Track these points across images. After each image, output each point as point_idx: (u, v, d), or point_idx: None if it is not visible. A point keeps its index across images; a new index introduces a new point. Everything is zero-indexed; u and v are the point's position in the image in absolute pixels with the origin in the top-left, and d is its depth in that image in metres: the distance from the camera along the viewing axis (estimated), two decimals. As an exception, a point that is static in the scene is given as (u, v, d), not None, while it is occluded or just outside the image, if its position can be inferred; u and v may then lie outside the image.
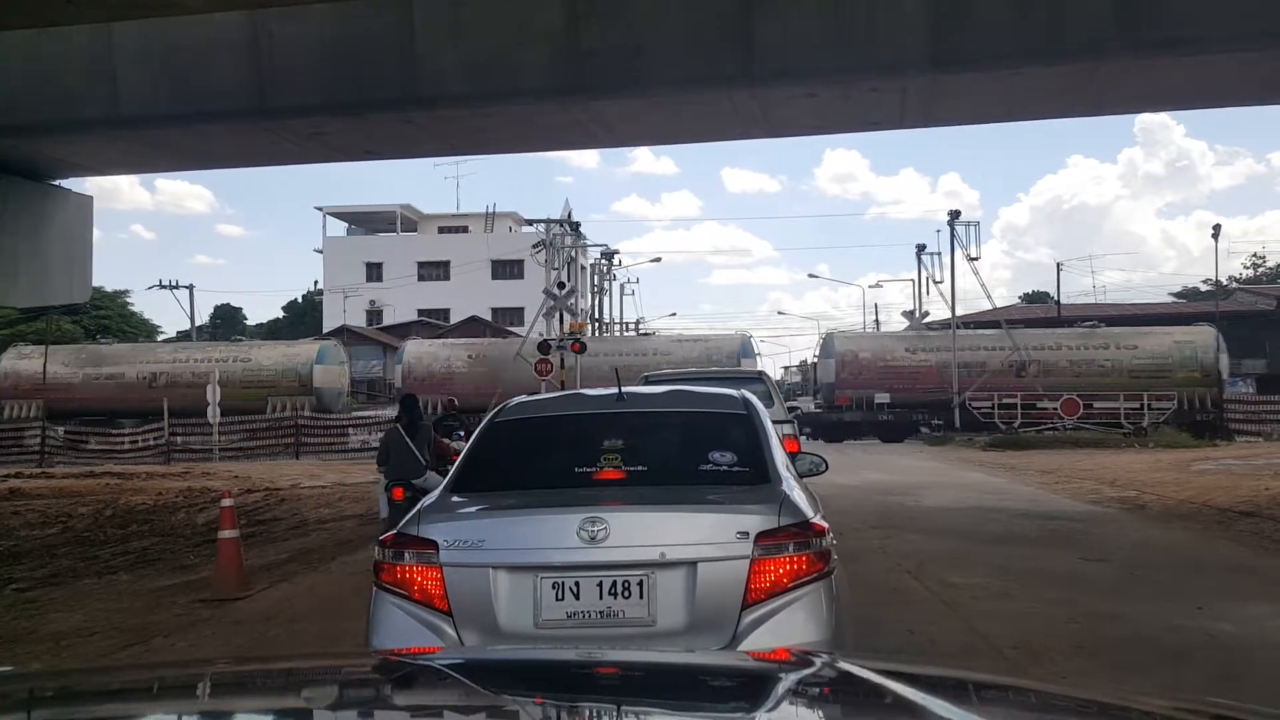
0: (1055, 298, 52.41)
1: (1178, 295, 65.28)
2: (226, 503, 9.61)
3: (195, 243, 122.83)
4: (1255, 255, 73.73)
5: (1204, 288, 59.20)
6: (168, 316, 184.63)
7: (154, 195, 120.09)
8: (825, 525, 4.13)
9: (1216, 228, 46.67)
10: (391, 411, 36.36)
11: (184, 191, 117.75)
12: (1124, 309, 51.55)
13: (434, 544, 3.99)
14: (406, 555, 4.05)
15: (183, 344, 47.37)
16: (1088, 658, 6.27)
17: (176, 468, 28.22)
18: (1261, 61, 12.56)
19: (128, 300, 63.13)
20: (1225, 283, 54.39)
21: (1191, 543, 11.42)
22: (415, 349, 40.88)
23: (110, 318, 58.68)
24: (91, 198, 18.60)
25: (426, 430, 11.11)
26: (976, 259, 40.36)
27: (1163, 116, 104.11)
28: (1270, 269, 71.15)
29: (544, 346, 29.21)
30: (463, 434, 13.50)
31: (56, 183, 17.53)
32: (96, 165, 17.75)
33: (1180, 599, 7.85)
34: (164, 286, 50.03)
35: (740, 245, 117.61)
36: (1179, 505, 14.67)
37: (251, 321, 75.59)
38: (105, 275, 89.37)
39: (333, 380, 38.65)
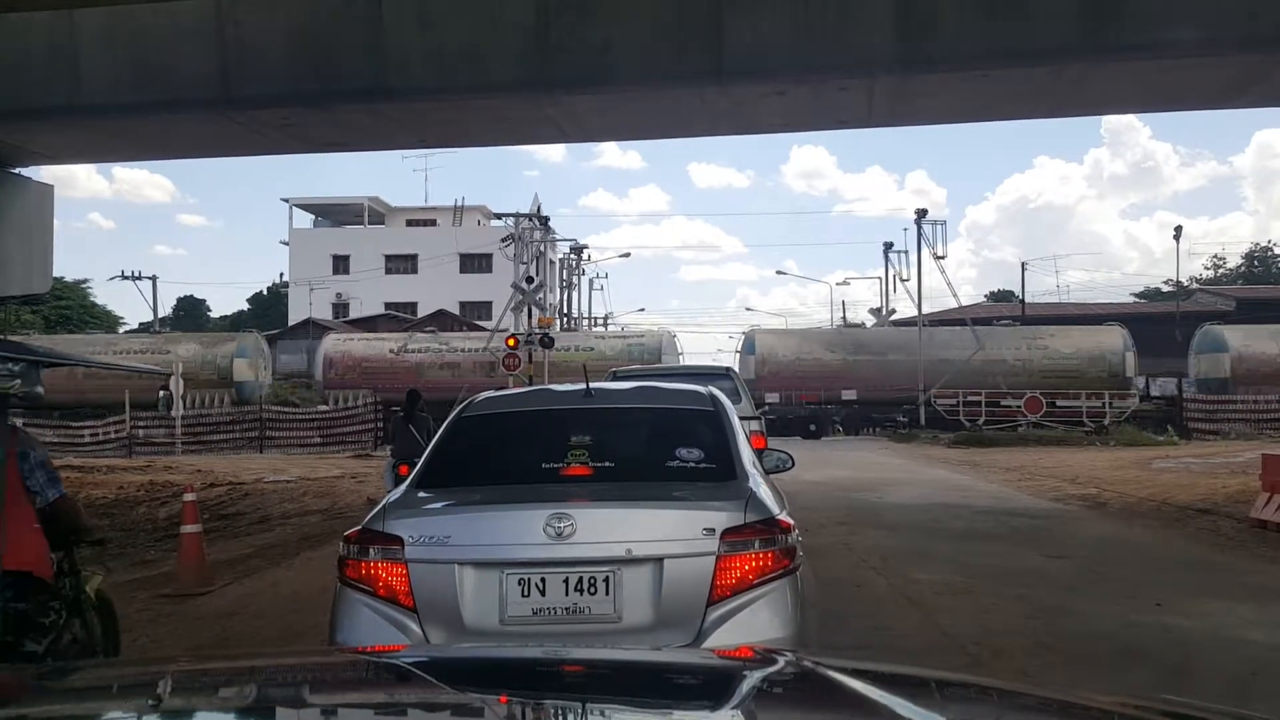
0: (1020, 296, 52.94)
1: (1140, 296, 66.14)
2: (189, 497, 9.52)
3: (155, 232, 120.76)
4: (1216, 256, 75.11)
5: (1165, 288, 60.03)
6: (130, 308, 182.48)
7: (112, 184, 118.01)
8: (791, 522, 4.14)
9: (1178, 229, 47.54)
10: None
11: (143, 180, 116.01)
12: (1086, 309, 52.17)
13: (399, 540, 3.96)
14: (372, 551, 4.02)
15: (103, 336, 47.02)
16: (1049, 654, 6.35)
17: (138, 461, 27.83)
18: (1223, 66, 12.76)
19: (89, 291, 62.22)
20: (1186, 283, 55.27)
21: (1151, 540, 11.59)
22: (332, 343, 41.17)
23: (71, 308, 57.70)
24: (52, 186, 18.28)
25: (424, 419, 12.94)
26: (943, 257, 40.83)
27: (1129, 118, 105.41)
28: (1231, 270, 72.35)
29: (512, 341, 29.18)
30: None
31: (16, 171, 17.23)
32: (58, 153, 17.46)
33: (1139, 596, 7.97)
34: (126, 277, 49.46)
35: (708, 241, 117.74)
36: (1139, 503, 14.89)
37: (216, 314, 74.74)
38: (62, 265, 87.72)
39: (253, 374, 38.85)
